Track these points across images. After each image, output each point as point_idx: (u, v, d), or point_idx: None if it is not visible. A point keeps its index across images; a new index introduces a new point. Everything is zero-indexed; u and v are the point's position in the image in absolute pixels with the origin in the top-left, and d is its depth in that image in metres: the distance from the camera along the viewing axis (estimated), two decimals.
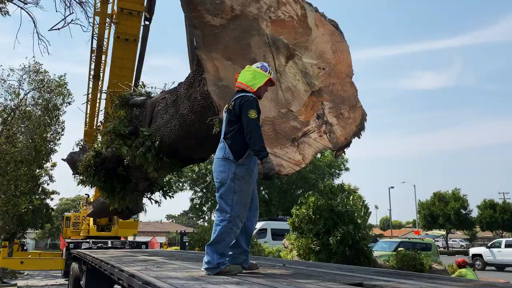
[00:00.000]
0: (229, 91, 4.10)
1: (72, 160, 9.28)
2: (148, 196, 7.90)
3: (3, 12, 11.22)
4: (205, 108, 4.31)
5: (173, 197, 8.01)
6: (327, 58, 5.23)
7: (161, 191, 7.66)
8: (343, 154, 5.07)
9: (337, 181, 37.77)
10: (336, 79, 5.27)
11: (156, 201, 7.91)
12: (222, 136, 3.61)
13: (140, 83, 6.61)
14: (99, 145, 6.84)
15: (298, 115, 4.67)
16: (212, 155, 5.19)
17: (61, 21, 10.49)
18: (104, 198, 8.65)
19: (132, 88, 6.83)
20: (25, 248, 30.30)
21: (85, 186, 7.82)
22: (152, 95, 6.05)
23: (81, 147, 10.16)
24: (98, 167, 7.14)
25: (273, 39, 4.68)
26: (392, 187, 47.16)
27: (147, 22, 10.14)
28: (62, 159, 9.98)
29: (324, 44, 5.26)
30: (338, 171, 40.37)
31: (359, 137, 5.05)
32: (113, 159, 6.78)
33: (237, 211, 3.49)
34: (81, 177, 7.61)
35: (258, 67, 3.75)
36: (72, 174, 9.02)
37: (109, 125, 6.00)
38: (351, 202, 12.15)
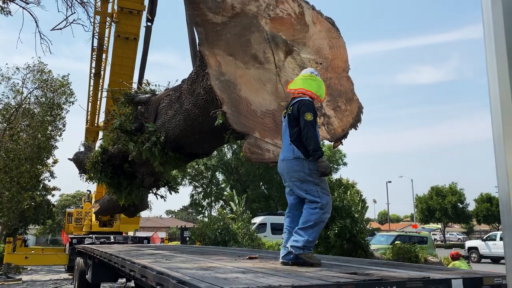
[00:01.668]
0: (231, 85, 4.31)
1: (78, 160, 9.48)
2: (154, 191, 8.09)
3: (5, 12, 11.35)
4: (208, 102, 4.51)
5: (178, 191, 8.21)
6: (324, 54, 5.44)
7: (166, 186, 7.85)
8: (340, 144, 5.30)
9: (335, 176, 38.03)
10: (333, 74, 5.49)
11: (161, 196, 8.11)
12: (288, 139, 3.87)
13: (145, 81, 6.79)
14: (106, 142, 7.02)
15: None
16: (215, 150, 5.38)
17: (63, 21, 10.67)
18: (110, 194, 8.83)
19: (137, 86, 7.01)
20: (26, 244, 30.49)
21: (93, 183, 8.00)
22: (156, 93, 6.24)
23: (87, 146, 10.35)
24: (105, 164, 7.34)
25: (272, 36, 4.89)
26: (390, 182, 47.35)
27: (149, 24, 10.34)
28: (69, 159, 10.18)
29: (321, 40, 5.48)
30: (336, 166, 40.68)
31: (355, 129, 5.28)
32: (119, 155, 6.97)
33: (325, 199, 3.76)
34: (89, 174, 7.79)
35: (314, 74, 4.04)
36: (79, 174, 9.20)
37: (115, 122, 6.18)
38: (348, 197, 12.39)
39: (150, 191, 8.19)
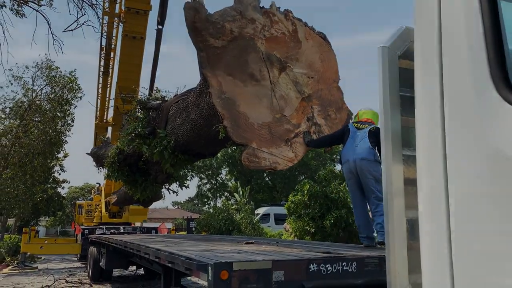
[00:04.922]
0: (231, 102, 4.95)
1: (95, 154, 10.27)
2: (166, 187, 8.86)
3: (20, 15, 12.01)
4: (211, 115, 5.14)
5: (188, 187, 8.97)
6: (316, 67, 6.01)
7: (177, 182, 8.62)
8: (330, 150, 6.01)
9: (339, 167, 38.58)
10: (324, 85, 6.09)
11: (174, 191, 8.92)
12: (368, 145, 5.00)
13: (155, 88, 7.46)
14: (122, 144, 7.74)
15: (290, 119, 5.52)
16: (220, 151, 6.06)
17: (74, 22, 11.35)
18: (127, 190, 9.63)
19: (148, 93, 7.69)
20: (38, 235, 31.47)
21: (111, 180, 8.77)
22: (166, 99, 6.90)
23: (103, 141, 11.11)
24: (121, 163, 8.14)
25: (267, 55, 5.47)
26: None
27: (159, 27, 10.90)
28: (87, 153, 10.97)
29: (313, 54, 6.05)
30: (339, 157, 41.22)
31: None
32: (134, 155, 7.70)
33: None
34: (107, 172, 8.60)
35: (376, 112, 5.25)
36: (96, 167, 10.03)
37: (130, 127, 6.88)
38: (342, 188, 13.03)
39: (163, 187, 8.97)
